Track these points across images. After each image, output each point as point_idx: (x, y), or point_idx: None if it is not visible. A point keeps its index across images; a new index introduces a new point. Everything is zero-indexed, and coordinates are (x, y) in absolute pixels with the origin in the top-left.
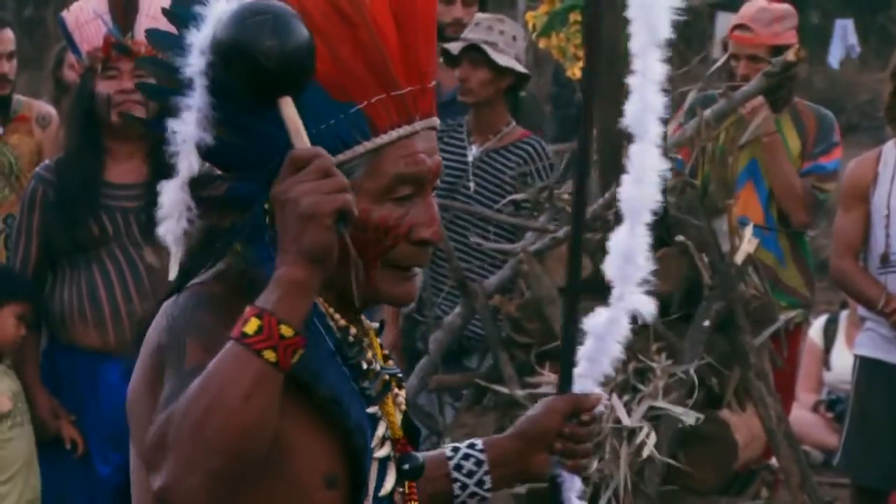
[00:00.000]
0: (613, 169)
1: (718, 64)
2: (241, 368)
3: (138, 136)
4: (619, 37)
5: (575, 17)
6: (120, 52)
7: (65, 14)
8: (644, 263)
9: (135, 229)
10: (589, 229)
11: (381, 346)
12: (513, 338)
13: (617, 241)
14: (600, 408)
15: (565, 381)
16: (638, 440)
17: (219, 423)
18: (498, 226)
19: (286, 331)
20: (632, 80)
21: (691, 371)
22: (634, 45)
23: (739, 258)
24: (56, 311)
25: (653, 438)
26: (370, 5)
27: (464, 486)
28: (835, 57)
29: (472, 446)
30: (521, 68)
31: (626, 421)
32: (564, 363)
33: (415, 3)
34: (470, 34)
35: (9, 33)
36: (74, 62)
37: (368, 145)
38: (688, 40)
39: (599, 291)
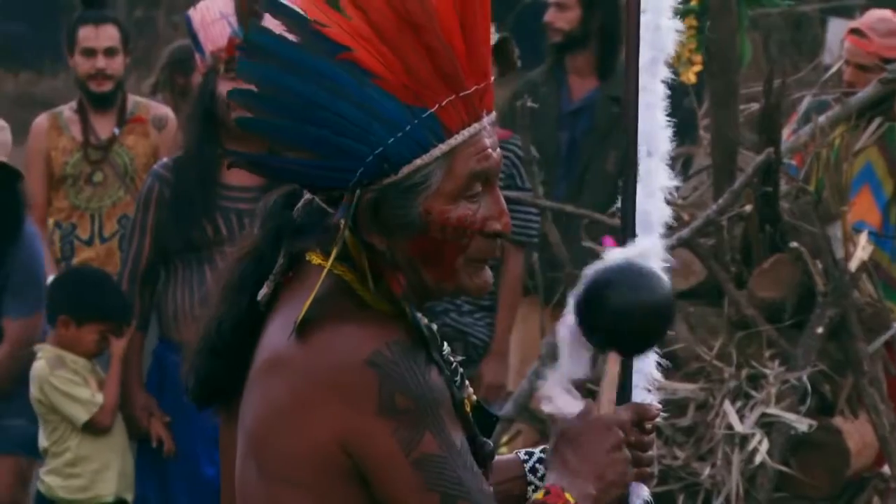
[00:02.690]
0: (727, 174)
1: (833, 70)
2: None
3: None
4: (731, 43)
5: (690, 22)
6: None
7: (191, 13)
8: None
9: None
10: (703, 234)
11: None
12: None
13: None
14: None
15: (626, 392)
16: (750, 447)
17: None
18: None
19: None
20: (642, 98)
21: (804, 378)
22: (642, 62)
23: (853, 265)
24: (168, 310)
25: (765, 445)
26: (437, 9)
27: (537, 489)
28: None
29: (545, 451)
30: None
31: (739, 427)
32: (626, 373)
33: (475, 2)
34: None
35: (109, 30)
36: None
37: (444, 147)
38: (798, 45)
39: (712, 297)
